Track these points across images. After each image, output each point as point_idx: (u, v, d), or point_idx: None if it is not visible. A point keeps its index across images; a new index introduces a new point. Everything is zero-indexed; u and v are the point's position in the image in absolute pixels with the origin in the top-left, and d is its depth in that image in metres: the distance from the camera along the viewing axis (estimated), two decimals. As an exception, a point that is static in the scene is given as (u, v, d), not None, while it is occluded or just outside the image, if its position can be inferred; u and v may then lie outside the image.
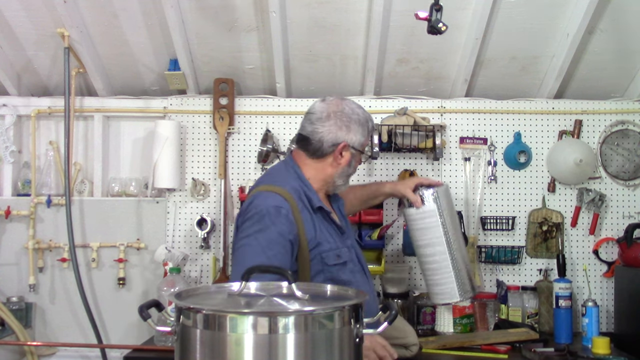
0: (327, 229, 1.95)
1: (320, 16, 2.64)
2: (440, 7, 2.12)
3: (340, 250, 1.94)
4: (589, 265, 2.86)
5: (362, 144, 2.03)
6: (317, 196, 1.97)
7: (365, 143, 2.06)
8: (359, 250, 2.09)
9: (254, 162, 2.93)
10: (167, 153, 2.81)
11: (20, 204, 2.90)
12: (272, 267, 1.56)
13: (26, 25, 2.72)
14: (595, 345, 2.41)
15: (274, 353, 1.13)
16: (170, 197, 2.92)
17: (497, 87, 2.97)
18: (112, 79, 2.99)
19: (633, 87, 2.93)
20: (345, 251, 1.96)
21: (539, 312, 2.75)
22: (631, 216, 2.88)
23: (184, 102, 2.97)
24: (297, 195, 1.92)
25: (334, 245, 1.93)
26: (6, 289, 2.87)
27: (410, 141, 2.81)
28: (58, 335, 2.87)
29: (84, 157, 3.01)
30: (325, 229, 1.94)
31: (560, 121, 2.93)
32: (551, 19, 2.64)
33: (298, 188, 1.94)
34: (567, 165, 2.80)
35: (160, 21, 2.66)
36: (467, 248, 2.81)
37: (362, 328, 1.25)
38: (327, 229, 1.96)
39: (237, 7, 2.61)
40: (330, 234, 1.95)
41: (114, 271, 2.90)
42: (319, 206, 1.94)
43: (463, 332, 2.66)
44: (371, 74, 2.84)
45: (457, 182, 2.91)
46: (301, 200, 1.92)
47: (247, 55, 2.84)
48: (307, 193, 1.95)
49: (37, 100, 2.98)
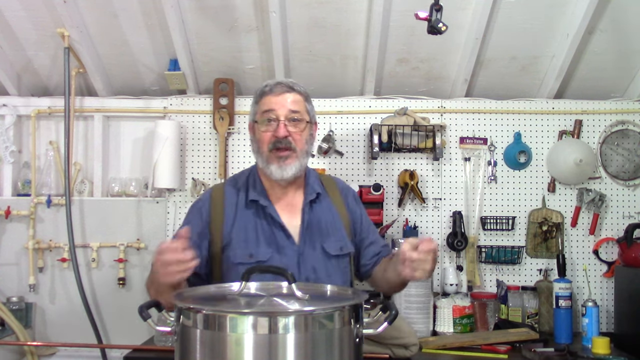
0: (254, 224, 1.79)
1: (320, 16, 2.64)
2: (440, 7, 2.12)
3: (255, 250, 1.75)
4: (589, 265, 2.86)
5: (255, 112, 1.84)
6: (258, 188, 1.84)
7: (257, 110, 1.83)
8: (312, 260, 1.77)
9: (254, 162, 2.91)
10: (167, 153, 2.81)
11: (20, 204, 2.90)
12: (272, 267, 1.56)
13: (26, 25, 2.72)
14: (595, 345, 2.41)
15: (274, 353, 1.13)
16: (170, 197, 2.92)
17: (497, 87, 2.97)
18: (112, 79, 2.99)
19: (633, 87, 2.93)
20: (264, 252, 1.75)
21: (539, 312, 2.75)
22: (631, 216, 2.88)
23: (184, 102, 2.97)
24: (235, 189, 1.86)
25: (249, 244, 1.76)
26: (6, 289, 2.87)
27: (410, 141, 2.81)
28: (58, 335, 2.87)
29: (84, 157, 3.01)
30: (249, 224, 1.79)
31: (560, 121, 2.93)
32: (551, 19, 2.64)
33: (244, 180, 1.88)
34: (567, 165, 2.80)
35: (160, 21, 2.66)
36: (467, 248, 2.83)
37: (362, 328, 1.25)
38: (254, 224, 1.79)
39: (237, 7, 2.61)
40: (257, 230, 1.78)
41: (114, 271, 2.89)
42: (251, 199, 1.82)
43: (463, 332, 2.66)
44: (371, 74, 2.84)
45: (457, 182, 2.91)
46: (237, 194, 1.84)
47: (247, 55, 2.84)
48: (251, 185, 1.86)
49: (37, 100, 2.99)
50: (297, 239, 1.79)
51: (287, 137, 1.77)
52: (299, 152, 1.79)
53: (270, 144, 1.78)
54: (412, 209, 2.89)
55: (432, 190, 2.90)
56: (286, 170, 1.77)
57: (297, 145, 1.78)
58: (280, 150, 1.77)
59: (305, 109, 1.83)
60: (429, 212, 2.89)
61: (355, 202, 1.98)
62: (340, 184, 2.00)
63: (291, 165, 1.78)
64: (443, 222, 2.89)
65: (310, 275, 1.75)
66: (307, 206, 1.84)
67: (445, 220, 2.89)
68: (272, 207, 1.82)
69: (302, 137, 1.80)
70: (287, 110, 1.78)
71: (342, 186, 1.99)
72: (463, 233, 2.81)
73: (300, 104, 1.82)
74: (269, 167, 1.79)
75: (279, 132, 1.76)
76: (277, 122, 1.77)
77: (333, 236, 1.83)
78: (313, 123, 1.87)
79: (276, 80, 1.84)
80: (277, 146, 1.77)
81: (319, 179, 1.96)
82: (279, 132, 1.76)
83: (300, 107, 1.81)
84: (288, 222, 1.81)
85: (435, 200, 2.90)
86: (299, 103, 1.81)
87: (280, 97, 1.79)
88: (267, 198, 1.83)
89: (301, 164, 1.81)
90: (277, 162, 1.78)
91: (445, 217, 2.89)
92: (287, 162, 1.78)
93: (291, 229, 1.80)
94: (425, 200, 2.87)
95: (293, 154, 1.78)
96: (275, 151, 1.78)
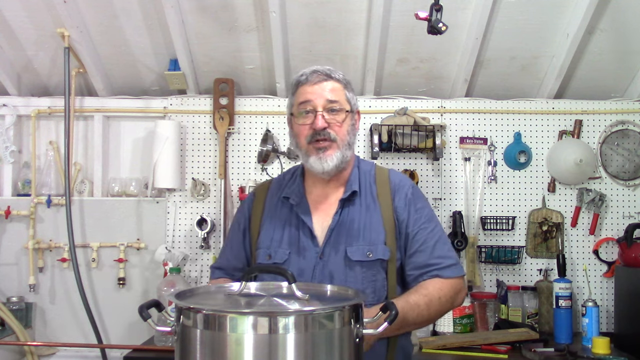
0: (284, 224, 1.72)
1: (320, 16, 2.64)
2: (440, 7, 2.12)
3: (275, 250, 1.68)
4: (589, 265, 2.86)
5: (291, 104, 1.73)
6: (296, 185, 1.76)
7: (293, 102, 1.72)
8: (333, 265, 1.63)
9: (254, 162, 2.93)
10: (167, 153, 2.81)
11: (20, 204, 2.90)
12: (272, 266, 1.55)
13: (26, 25, 2.72)
14: (595, 345, 2.41)
15: (274, 353, 1.13)
16: (170, 197, 2.92)
17: (497, 87, 2.97)
18: (112, 79, 2.99)
19: (633, 87, 2.93)
20: (282, 253, 1.67)
21: (539, 312, 2.75)
22: (631, 216, 2.88)
23: (184, 102, 2.97)
24: (278, 185, 1.80)
25: (273, 244, 1.70)
26: (6, 289, 2.87)
27: (410, 141, 2.81)
28: (58, 335, 2.87)
29: (84, 157, 3.01)
30: (280, 223, 1.72)
31: (560, 121, 2.93)
32: (551, 19, 2.64)
33: (288, 177, 1.81)
34: (567, 165, 2.80)
35: (160, 21, 2.67)
36: (467, 248, 2.83)
37: (362, 328, 1.24)
38: (284, 223, 1.72)
39: (237, 7, 2.61)
40: (284, 229, 1.71)
41: (114, 271, 2.90)
42: (284, 196, 1.75)
43: (463, 332, 2.66)
44: (371, 74, 2.84)
45: (457, 182, 2.91)
46: (278, 191, 1.78)
47: (247, 55, 2.84)
48: (291, 182, 1.78)
49: (37, 100, 2.99)
50: (322, 241, 1.66)
51: (326, 128, 1.64)
52: (339, 143, 1.66)
53: (309, 136, 1.65)
54: (412, 209, 2.89)
55: (432, 190, 2.90)
56: (327, 161, 1.64)
57: (337, 135, 1.65)
58: (319, 142, 1.64)
59: (345, 98, 1.69)
60: (429, 212, 2.89)
61: (406, 202, 1.70)
62: (395, 179, 1.76)
63: (332, 156, 1.64)
64: (443, 222, 2.88)
65: (325, 281, 1.60)
66: (340, 205, 1.69)
67: (445, 220, 2.89)
68: (303, 206, 1.71)
69: (343, 127, 1.67)
70: (324, 100, 1.65)
71: (395, 182, 1.75)
72: (463, 233, 2.81)
73: (339, 92, 1.68)
74: (308, 160, 1.67)
75: (316, 123, 1.63)
76: (314, 113, 1.64)
77: (363, 239, 1.65)
78: (355, 112, 1.73)
79: (312, 68, 1.69)
80: (316, 138, 1.64)
81: (370, 174, 1.77)
82: (317, 123, 1.63)
83: (339, 95, 1.68)
84: (320, 223, 1.69)
85: (435, 200, 2.90)
86: (338, 91, 1.68)
87: (317, 87, 1.66)
88: (303, 195, 1.73)
89: (343, 155, 1.66)
90: (316, 153, 1.65)
91: (445, 217, 2.89)
92: (327, 153, 1.64)
93: (321, 230, 1.68)
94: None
95: (333, 144, 1.65)
96: (314, 143, 1.65)
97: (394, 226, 1.67)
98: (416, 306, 1.56)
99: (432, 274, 1.63)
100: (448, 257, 1.67)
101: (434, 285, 1.62)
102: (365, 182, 1.74)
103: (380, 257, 1.63)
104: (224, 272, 1.80)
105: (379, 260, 1.63)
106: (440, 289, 1.62)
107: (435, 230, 1.69)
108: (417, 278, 1.64)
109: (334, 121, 1.65)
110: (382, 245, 1.64)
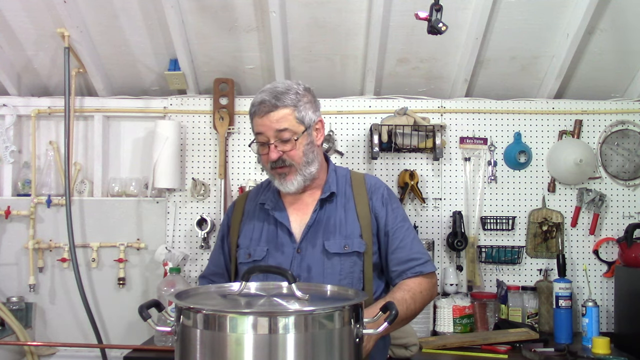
0: (262, 224, 1.85)
1: (320, 16, 2.64)
2: (440, 7, 2.12)
3: (254, 249, 1.82)
4: (589, 265, 2.86)
5: (252, 129, 1.83)
6: (271, 191, 1.89)
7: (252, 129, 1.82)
8: (310, 258, 1.76)
9: (254, 162, 2.93)
10: (167, 153, 2.81)
11: (20, 204, 2.90)
12: (272, 267, 1.56)
13: (26, 25, 2.72)
14: (595, 345, 2.41)
15: (274, 353, 1.13)
16: (170, 197, 2.92)
17: (497, 87, 2.97)
18: (112, 79, 2.99)
19: (633, 87, 2.93)
20: (261, 250, 1.80)
21: (539, 312, 2.75)
22: (631, 216, 2.88)
23: (184, 102, 2.97)
24: (257, 191, 1.97)
25: (252, 243, 1.84)
26: (6, 289, 2.87)
27: (410, 141, 2.81)
28: (58, 335, 2.87)
29: (84, 157, 3.01)
30: (258, 224, 1.86)
31: (560, 121, 2.93)
32: (551, 19, 2.64)
33: (265, 185, 1.96)
34: (567, 165, 2.80)
35: (160, 21, 2.67)
36: (467, 248, 2.83)
37: (362, 328, 1.25)
38: (263, 223, 1.85)
39: (237, 7, 2.61)
40: (263, 229, 1.84)
41: (114, 271, 2.90)
42: (260, 202, 1.89)
43: (463, 332, 2.66)
44: (371, 74, 2.84)
45: (457, 182, 2.91)
46: (256, 197, 1.94)
47: (247, 55, 2.84)
48: (267, 189, 1.93)
49: (37, 100, 2.98)
50: (299, 237, 1.79)
51: (281, 156, 1.76)
52: (297, 166, 1.77)
53: (269, 164, 1.79)
54: (412, 209, 2.89)
55: (432, 190, 2.90)
56: (287, 185, 1.79)
57: (293, 160, 1.76)
58: (278, 169, 1.78)
59: (295, 121, 1.75)
60: (429, 212, 2.89)
61: (383, 201, 1.85)
62: (370, 181, 1.90)
63: (292, 180, 1.78)
64: (443, 222, 2.89)
65: (303, 274, 1.74)
66: (317, 205, 1.82)
67: (445, 220, 2.89)
68: (279, 210, 1.85)
69: (298, 150, 1.76)
70: (273, 131, 1.74)
71: (371, 184, 1.89)
72: (463, 233, 2.81)
73: (288, 118, 1.74)
74: (274, 182, 1.82)
75: (270, 156, 1.76)
76: (267, 145, 1.76)
77: (340, 234, 1.78)
78: (312, 127, 1.80)
79: (261, 96, 1.76)
80: (274, 166, 1.78)
81: (346, 177, 1.90)
82: (271, 156, 1.76)
83: (288, 122, 1.74)
84: (298, 222, 1.83)
85: (435, 200, 2.90)
86: (286, 119, 1.74)
87: (265, 119, 1.74)
88: (279, 199, 1.87)
89: (304, 175, 1.79)
90: (278, 178, 1.80)
91: (445, 217, 2.89)
92: (287, 178, 1.78)
93: (298, 227, 1.81)
94: (425, 200, 2.88)
95: (292, 168, 1.78)
96: (274, 169, 1.79)
97: (370, 222, 1.81)
98: (403, 301, 1.68)
99: (415, 270, 1.78)
100: (424, 253, 1.83)
101: (413, 281, 1.77)
102: (341, 185, 1.88)
103: (356, 250, 1.76)
104: (207, 280, 1.98)
105: (355, 252, 1.76)
106: (420, 284, 1.77)
107: (410, 228, 1.85)
108: (401, 274, 1.78)
109: (287, 148, 1.76)
110: (358, 238, 1.78)
